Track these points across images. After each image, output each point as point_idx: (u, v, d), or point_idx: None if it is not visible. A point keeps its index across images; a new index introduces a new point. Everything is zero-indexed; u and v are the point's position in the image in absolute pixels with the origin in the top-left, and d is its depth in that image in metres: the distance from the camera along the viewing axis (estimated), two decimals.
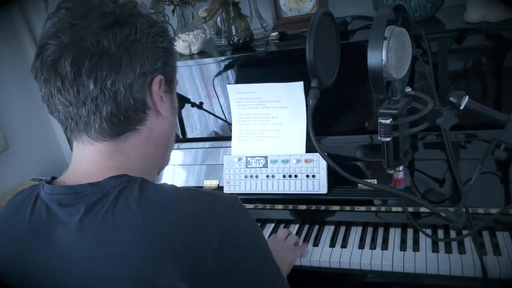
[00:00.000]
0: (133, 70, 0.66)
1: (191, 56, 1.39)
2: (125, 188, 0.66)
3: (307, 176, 1.26)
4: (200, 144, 1.47)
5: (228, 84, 1.34)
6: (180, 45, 1.35)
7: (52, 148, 2.13)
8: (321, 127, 1.29)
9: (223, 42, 1.44)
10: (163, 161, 0.81)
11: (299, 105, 1.28)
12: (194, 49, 1.36)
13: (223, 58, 1.37)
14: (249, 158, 1.34)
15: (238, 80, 1.38)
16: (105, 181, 0.67)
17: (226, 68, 1.39)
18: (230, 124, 1.43)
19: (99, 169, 0.69)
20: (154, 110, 0.72)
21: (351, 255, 1.16)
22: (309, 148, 1.29)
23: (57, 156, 2.16)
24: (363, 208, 1.25)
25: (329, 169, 1.25)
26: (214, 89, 1.44)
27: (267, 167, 1.31)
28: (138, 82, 0.67)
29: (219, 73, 1.40)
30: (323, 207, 1.27)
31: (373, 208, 1.23)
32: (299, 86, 1.26)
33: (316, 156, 1.26)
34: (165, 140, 0.77)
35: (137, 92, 0.68)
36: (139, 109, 0.69)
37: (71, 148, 0.76)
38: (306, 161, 1.26)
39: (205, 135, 1.53)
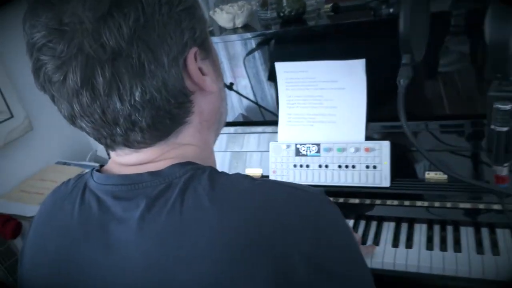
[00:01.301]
0: (161, 64, 0.51)
1: (234, 30, 1.25)
2: (193, 178, 0.53)
3: (367, 166, 1.12)
4: (232, 129, 1.33)
5: (276, 62, 1.20)
6: (223, 18, 1.20)
7: (76, 131, 1.99)
8: (377, 111, 1.15)
9: (269, 15, 1.29)
10: (217, 137, 0.68)
11: (358, 86, 1.13)
12: (239, 22, 1.22)
13: (276, 31, 1.22)
14: (298, 146, 1.20)
15: (285, 58, 1.23)
16: (168, 170, 0.55)
17: (274, 43, 1.24)
18: (261, 107, 1.29)
19: (149, 159, 0.58)
20: (198, 90, 0.57)
21: (419, 257, 1.03)
22: (368, 136, 1.14)
23: (82, 139, 2.05)
24: (425, 204, 1.11)
25: (393, 160, 1.11)
26: (245, 68, 1.29)
27: (319, 155, 1.17)
28: (171, 74, 0.52)
29: (264, 50, 1.25)
30: (384, 202, 1.13)
31: (437, 204, 1.09)
32: (360, 64, 1.11)
33: (377, 144, 1.11)
34: (216, 115, 0.63)
35: (174, 85, 0.53)
36: (183, 102, 0.55)
37: (109, 156, 0.63)
38: (367, 149, 1.12)
39: (230, 120, 1.38)
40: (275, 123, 1.25)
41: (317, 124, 1.19)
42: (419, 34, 0.74)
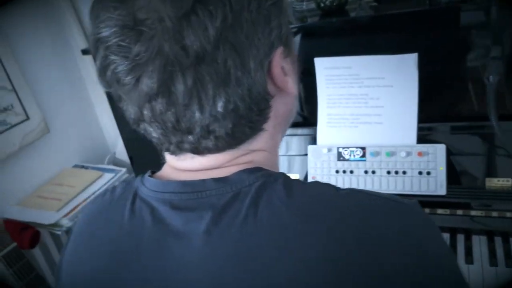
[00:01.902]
0: (247, 69, 0.44)
1: None
2: (265, 186, 0.46)
3: (420, 173, 1.01)
4: None
5: (316, 57, 1.09)
6: None
7: (94, 133, 1.95)
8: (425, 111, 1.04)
9: (304, 7, 1.19)
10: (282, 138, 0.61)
11: (409, 83, 1.02)
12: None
13: (316, 23, 1.12)
14: (341, 149, 1.09)
15: (325, 53, 1.12)
16: (236, 177, 0.47)
17: (312, 37, 1.13)
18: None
19: (223, 165, 0.51)
20: (278, 93, 0.50)
21: (483, 275, 0.92)
22: (420, 139, 1.03)
23: (99, 141, 1.97)
24: (482, 213, 1.00)
25: (449, 165, 0.99)
26: None
27: (365, 160, 1.06)
28: (256, 80, 0.46)
29: (302, 44, 1.15)
30: (439, 211, 1.02)
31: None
32: (411, 59, 1.00)
33: (432, 148, 1.00)
34: (288, 117, 0.57)
35: (259, 92, 0.47)
36: (264, 108, 0.49)
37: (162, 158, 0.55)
38: (420, 154, 1.01)
39: None
40: (306, 124, 1.15)
41: (361, 126, 1.09)
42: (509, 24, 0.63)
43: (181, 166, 0.51)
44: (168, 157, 0.53)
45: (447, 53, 0.82)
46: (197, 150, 0.48)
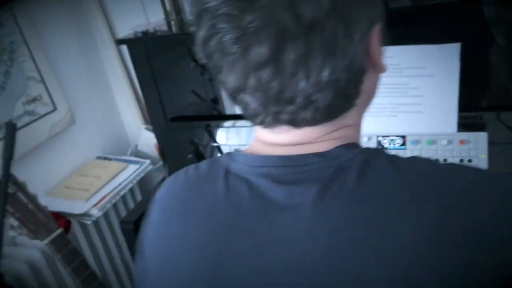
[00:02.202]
0: (352, 41, 0.45)
1: None
2: (368, 162, 0.47)
3: (461, 160, 1.03)
4: None
5: None
6: None
7: (115, 126, 1.95)
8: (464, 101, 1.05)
9: None
10: None
11: (451, 72, 1.03)
12: None
13: None
14: (380, 138, 1.11)
15: None
16: (335, 151, 0.49)
17: None
18: None
19: (309, 139, 0.51)
20: (370, 68, 0.51)
21: None
22: (461, 127, 1.05)
23: (120, 133, 1.97)
24: None
25: (490, 153, 1.01)
26: None
27: (405, 148, 1.08)
28: (358, 52, 0.47)
29: None
30: None
31: None
32: (454, 49, 1.02)
33: (473, 136, 1.02)
34: (374, 93, 0.57)
35: (359, 65, 0.48)
36: (359, 82, 0.50)
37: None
38: (461, 142, 1.03)
39: None
40: None
41: (400, 115, 1.10)
42: None
43: (275, 140, 0.52)
44: (260, 132, 0.54)
45: (484, 43, 0.84)
46: (294, 122, 0.49)
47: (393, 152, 0.50)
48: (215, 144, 1.36)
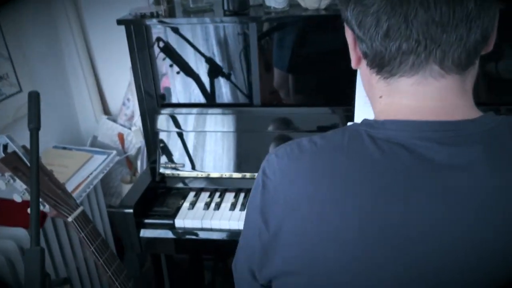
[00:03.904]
0: (491, 14, 0.54)
1: (317, 11, 1.26)
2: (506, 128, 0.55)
3: None
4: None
5: None
6: None
7: (71, 116, 1.84)
8: None
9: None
10: None
11: None
12: (324, 4, 1.23)
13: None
14: None
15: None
16: (483, 119, 0.56)
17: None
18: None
19: (451, 109, 0.57)
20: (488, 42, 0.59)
21: None
22: None
23: (76, 124, 1.87)
24: None
25: None
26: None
27: None
28: (497, 4, 0.55)
29: None
30: None
31: None
32: None
33: None
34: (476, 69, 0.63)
35: (493, 19, 0.55)
36: (487, 40, 0.57)
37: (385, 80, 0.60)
38: None
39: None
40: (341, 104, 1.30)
41: None
42: None
43: (413, 97, 0.57)
44: (395, 93, 0.58)
45: None
46: (445, 59, 0.54)
47: None
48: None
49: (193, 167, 1.37)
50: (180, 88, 1.42)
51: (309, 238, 0.57)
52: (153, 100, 1.41)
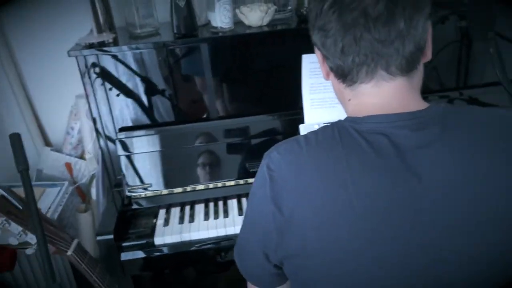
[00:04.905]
0: (425, 10, 0.69)
1: (260, 28, 1.38)
2: (450, 110, 0.71)
3: None
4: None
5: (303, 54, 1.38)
6: (255, 16, 1.33)
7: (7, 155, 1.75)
8: None
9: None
10: None
11: None
12: (266, 20, 1.36)
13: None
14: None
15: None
16: (433, 108, 0.71)
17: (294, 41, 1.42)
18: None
19: (406, 102, 0.72)
20: (422, 55, 0.74)
21: None
22: None
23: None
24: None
25: None
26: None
27: None
28: (426, 23, 0.70)
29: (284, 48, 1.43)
30: None
31: None
32: None
33: None
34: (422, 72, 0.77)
35: (424, 33, 0.71)
36: (422, 50, 0.72)
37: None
38: None
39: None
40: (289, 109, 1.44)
41: (338, 106, 1.41)
42: None
43: (376, 96, 0.72)
44: (361, 96, 0.73)
45: None
46: (388, 66, 0.68)
47: None
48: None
49: (159, 186, 1.42)
50: (136, 111, 1.46)
51: (321, 219, 0.68)
52: (110, 126, 1.43)
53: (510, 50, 1.26)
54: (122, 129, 1.44)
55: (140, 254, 1.30)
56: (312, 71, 1.40)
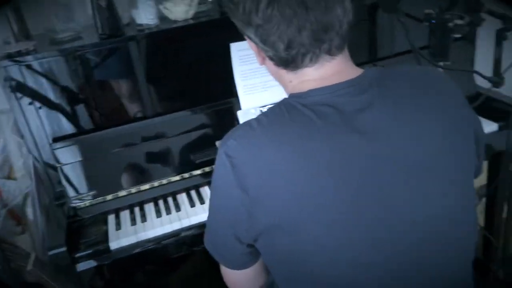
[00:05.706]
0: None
1: (186, 21, 1.40)
2: (383, 73, 0.80)
3: None
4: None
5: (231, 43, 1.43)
6: (180, 10, 1.34)
7: None
8: None
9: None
10: None
11: None
12: (190, 14, 1.38)
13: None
14: (261, 108, 1.46)
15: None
16: (366, 73, 0.79)
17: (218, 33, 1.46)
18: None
19: (344, 73, 0.79)
20: None
21: None
22: None
23: None
24: None
25: None
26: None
27: None
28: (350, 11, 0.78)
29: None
30: None
31: None
32: None
33: None
34: None
35: (351, 9, 0.78)
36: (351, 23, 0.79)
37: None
38: None
39: None
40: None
41: (269, 89, 1.49)
42: None
43: (322, 75, 0.78)
44: (305, 76, 0.79)
45: None
46: (332, 47, 0.75)
47: None
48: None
49: (103, 192, 1.39)
50: (67, 120, 1.41)
51: (284, 192, 0.72)
52: (42, 139, 1.37)
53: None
54: (56, 140, 1.39)
55: (95, 263, 1.27)
56: (241, 59, 1.46)
